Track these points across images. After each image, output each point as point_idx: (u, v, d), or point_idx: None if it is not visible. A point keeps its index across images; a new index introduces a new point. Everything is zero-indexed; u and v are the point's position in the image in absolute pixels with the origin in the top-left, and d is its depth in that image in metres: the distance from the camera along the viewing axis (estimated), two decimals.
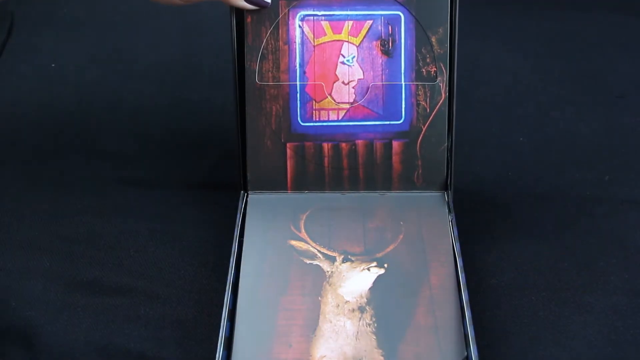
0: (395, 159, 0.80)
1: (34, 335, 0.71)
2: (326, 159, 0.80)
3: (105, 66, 1.05)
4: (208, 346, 0.70)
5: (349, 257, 0.74)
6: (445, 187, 0.81)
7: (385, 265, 0.74)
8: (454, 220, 0.77)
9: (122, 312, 0.73)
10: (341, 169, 0.81)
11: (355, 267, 0.74)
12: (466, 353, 0.67)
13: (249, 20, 0.78)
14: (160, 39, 1.09)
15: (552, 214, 0.84)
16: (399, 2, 0.78)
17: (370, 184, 0.81)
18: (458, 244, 0.75)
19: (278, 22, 0.78)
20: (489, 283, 0.77)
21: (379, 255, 0.75)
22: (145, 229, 0.82)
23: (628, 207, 0.85)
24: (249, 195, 0.80)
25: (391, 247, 0.75)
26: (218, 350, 0.66)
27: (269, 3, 0.77)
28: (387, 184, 0.81)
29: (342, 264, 0.74)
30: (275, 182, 0.81)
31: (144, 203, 0.85)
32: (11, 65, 1.05)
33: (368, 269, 0.73)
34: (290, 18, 0.79)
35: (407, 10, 0.78)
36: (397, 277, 0.73)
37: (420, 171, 0.80)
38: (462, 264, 0.73)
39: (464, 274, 0.72)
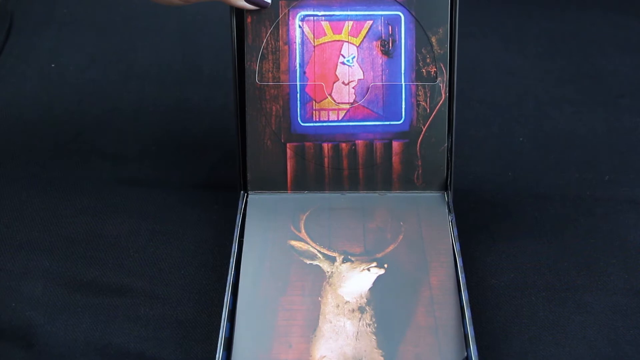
0: (395, 159, 0.80)
1: (34, 335, 0.71)
2: (326, 159, 0.80)
3: (105, 66, 1.05)
4: (208, 346, 0.70)
5: (349, 257, 0.74)
6: (445, 188, 0.81)
7: (385, 265, 0.74)
8: (454, 220, 0.77)
9: (122, 312, 0.73)
10: (341, 169, 0.81)
11: (355, 268, 0.74)
12: (466, 353, 0.67)
13: (249, 20, 0.78)
14: (160, 39, 1.09)
15: (552, 214, 0.84)
16: (399, 2, 0.78)
17: (370, 185, 0.81)
18: (458, 244, 0.75)
19: (278, 22, 0.78)
20: (489, 283, 0.77)
21: (379, 255, 0.75)
22: (145, 229, 0.82)
23: (628, 207, 0.85)
24: (249, 196, 0.80)
25: (391, 248, 0.75)
26: (218, 350, 0.66)
27: (268, 3, 0.77)
28: (387, 185, 0.81)
29: (342, 264, 0.74)
30: (275, 183, 0.81)
31: (144, 203, 0.85)
32: (11, 65, 1.05)
33: (368, 269, 0.73)
34: (290, 18, 0.79)
35: (407, 10, 0.78)
36: (397, 278, 0.73)
37: (420, 171, 0.80)
38: (462, 264, 0.73)
39: (464, 274, 0.72)
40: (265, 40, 0.79)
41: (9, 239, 0.81)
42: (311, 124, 0.80)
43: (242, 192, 0.81)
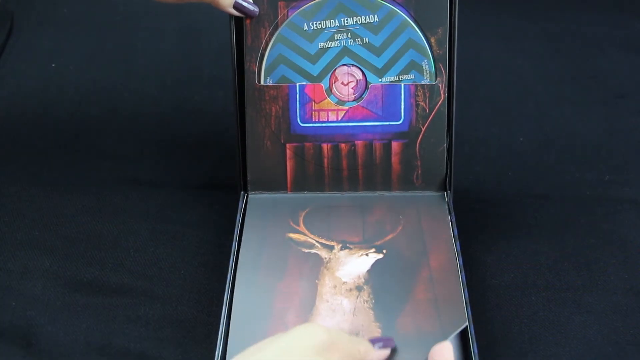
0: (395, 159, 0.80)
1: (34, 335, 0.71)
2: (326, 160, 0.80)
3: (105, 66, 1.05)
4: (208, 346, 0.70)
5: (347, 245, 0.74)
6: (444, 188, 0.81)
7: (384, 251, 0.74)
8: (454, 220, 0.77)
9: (122, 312, 0.73)
10: (341, 169, 0.81)
11: (353, 254, 0.74)
12: (467, 323, 0.66)
13: (248, 21, 0.78)
14: (160, 39, 1.09)
15: (552, 214, 0.84)
16: (398, 3, 0.78)
17: (370, 185, 0.81)
18: (458, 244, 0.75)
19: (277, 23, 0.78)
20: (489, 283, 0.77)
21: (377, 243, 0.75)
22: (145, 229, 0.82)
23: (628, 207, 0.85)
24: (249, 196, 0.80)
25: (390, 237, 0.75)
26: (217, 348, 0.66)
27: (256, 12, 0.77)
28: (386, 185, 0.81)
29: (340, 251, 0.74)
30: (275, 183, 0.81)
31: (144, 203, 0.85)
32: (11, 65, 1.05)
33: (366, 254, 0.73)
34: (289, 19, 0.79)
35: (406, 10, 0.78)
36: (395, 261, 0.72)
37: (419, 172, 0.80)
38: (462, 264, 0.73)
39: (463, 274, 0.72)
40: (264, 41, 0.79)
41: (9, 238, 0.81)
42: (310, 125, 0.80)
43: (242, 192, 0.81)
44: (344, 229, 0.76)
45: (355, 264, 0.72)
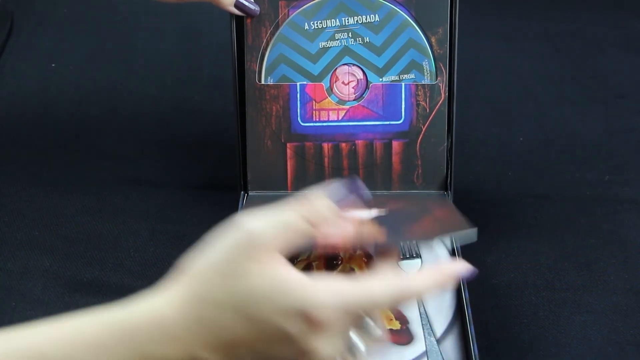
0: (395, 159, 0.80)
1: None
2: (326, 159, 0.80)
3: (105, 66, 1.05)
4: None
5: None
6: (445, 187, 0.81)
7: (386, 209, 0.73)
8: None
9: None
10: (341, 169, 0.81)
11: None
12: (475, 229, 0.64)
13: (248, 20, 0.78)
14: (160, 39, 1.09)
15: (552, 214, 0.84)
16: (398, 2, 0.78)
17: (370, 184, 0.81)
18: (458, 244, 0.75)
19: (278, 22, 0.78)
20: (489, 283, 0.77)
21: (379, 208, 0.74)
22: (145, 229, 0.82)
23: (628, 207, 0.85)
24: (249, 195, 0.80)
25: (392, 206, 0.75)
26: None
27: (257, 12, 0.77)
28: (387, 184, 0.81)
29: None
30: (275, 182, 0.81)
31: (144, 203, 0.85)
32: (11, 65, 1.05)
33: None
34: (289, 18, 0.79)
35: (407, 10, 0.78)
36: (397, 214, 0.72)
37: (420, 171, 0.80)
38: None
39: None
40: (265, 40, 0.79)
41: (9, 238, 0.81)
42: (311, 124, 0.80)
43: (242, 192, 0.81)
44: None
45: (357, 214, 0.72)
